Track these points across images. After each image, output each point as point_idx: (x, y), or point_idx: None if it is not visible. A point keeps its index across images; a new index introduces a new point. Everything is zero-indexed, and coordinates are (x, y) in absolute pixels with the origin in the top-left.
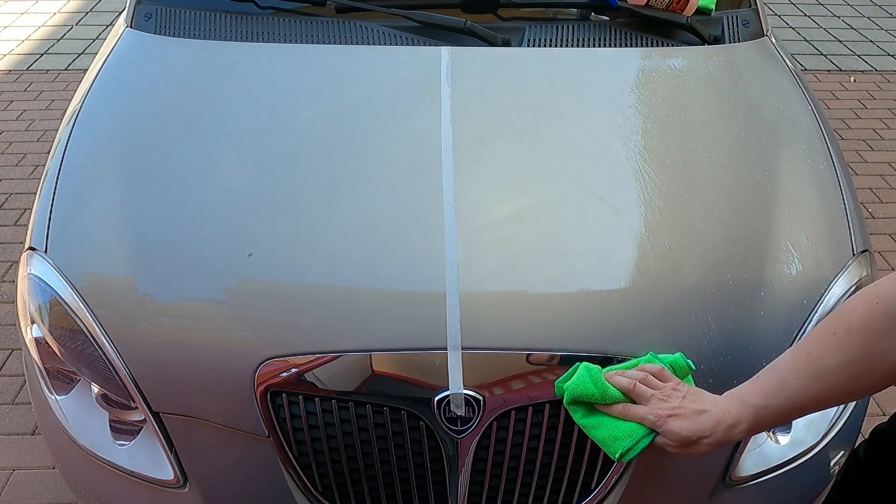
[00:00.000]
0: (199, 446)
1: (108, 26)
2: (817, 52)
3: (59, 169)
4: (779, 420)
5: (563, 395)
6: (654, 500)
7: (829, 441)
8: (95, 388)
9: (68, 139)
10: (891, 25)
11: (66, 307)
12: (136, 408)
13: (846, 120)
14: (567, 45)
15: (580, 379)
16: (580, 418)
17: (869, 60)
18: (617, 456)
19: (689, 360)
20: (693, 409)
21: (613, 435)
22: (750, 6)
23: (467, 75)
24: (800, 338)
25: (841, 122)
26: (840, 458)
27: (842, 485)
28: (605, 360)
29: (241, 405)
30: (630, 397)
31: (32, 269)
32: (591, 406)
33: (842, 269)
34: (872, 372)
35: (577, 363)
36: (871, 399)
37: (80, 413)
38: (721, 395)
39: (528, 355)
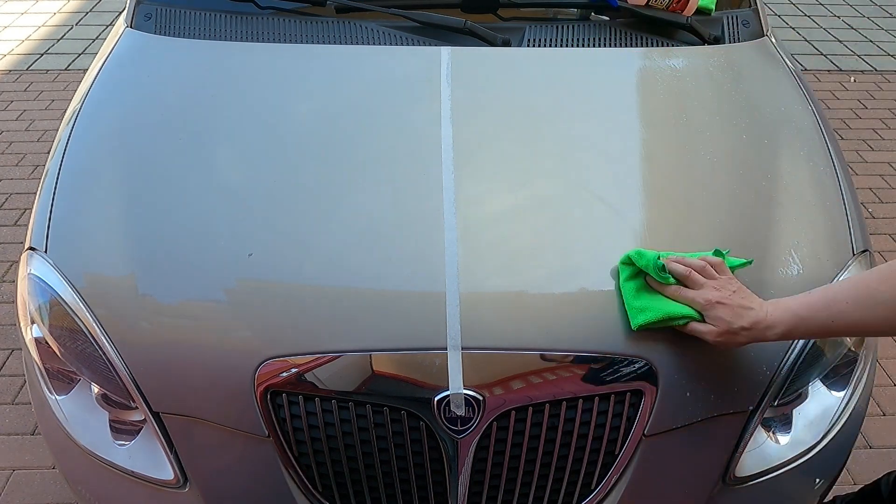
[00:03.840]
0: (199, 446)
1: (108, 26)
2: (817, 52)
3: (59, 169)
4: (811, 333)
5: (624, 260)
6: (654, 500)
7: (829, 441)
8: (95, 388)
9: (68, 139)
10: (891, 25)
11: (65, 307)
12: (136, 408)
13: (846, 120)
14: (567, 45)
15: (644, 253)
16: (623, 280)
17: (869, 60)
18: (636, 325)
19: (748, 260)
20: (740, 304)
21: (644, 306)
22: (750, 6)
23: (467, 75)
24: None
25: (841, 122)
26: (839, 458)
27: None
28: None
29: (241, 405)
30: (683, 283)
31: (32, 269)
32: (638, 278)
33: (842, 269)
34: None
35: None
36: (872, 399)
37: (80, 413)
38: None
39: (528, 355)
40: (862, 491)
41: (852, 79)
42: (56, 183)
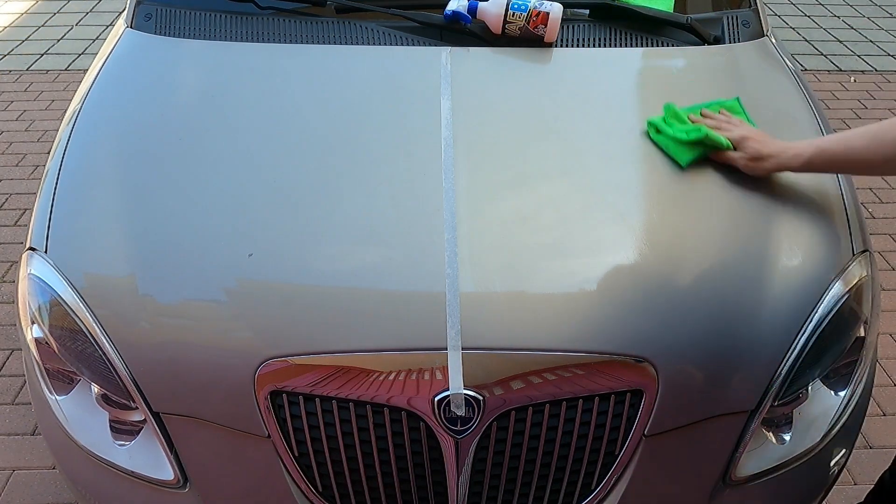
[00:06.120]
0: (199, 446)
1: (108, 26)
2: (817, 52)
3: (59, 169)
4: (828, 165)
5: (651, 122)
6: (654, 500)
7: (830, 441)
8: (95, 388)
9: (68, 139)
10: (891, 25)
11: (66, 307)
12: (136, 408)
13: (846, 120)
14: (567, 45)
15: (669, 109)
16: (653, 134)
17: (869, 60)
18: (685, 163)
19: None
20: (766, 138)
21: (682, 146)
22: (750, 6)
23: (467, 75)
24: (800, 338)
25: (841, 122)
26: (840, 457)
27: None
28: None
29: (242, 405)
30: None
31: (33, 269)
32: (660, 130)
33: (842, 269)
34: None
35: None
36: (872, 399)
37: (80, 413)
38: None
39: (528, 355)
40: (869, 494)
41: (852, 79)
42: (56, 183)
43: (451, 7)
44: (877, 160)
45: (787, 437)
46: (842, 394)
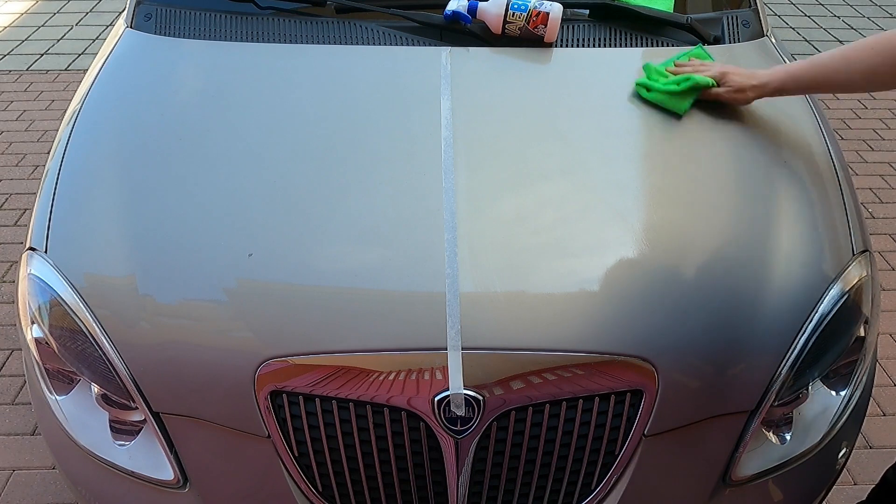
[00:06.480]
0: (199, 446)
1: (108, 26)
2: (817, 53)
3: (59, 169)
4: (798, 88)
5: (640, 83)
6: (653, 500)
7: (830, 441)
8: (95, 388)
9: (68, 139)
10: (891, 26)
11: (66, 307)
12: (136, 408)
13: (846, 120)
14: (567, 45)
15: (649, 68)
16: (644, 94)
17: None
18: (684, 110)
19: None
20: (741, 70)
21: (676, 98)
22: (750, 6)
23: (467, 75)
24: (800, 338)
25: (841, 122)
26: (840, 457)
27: None
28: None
29: (242, 405)
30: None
31: (32, 269)
32: (651, 88)
33: (842, 269)
34: (888, 76)
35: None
36: (872, 399)
37: (80, 413)
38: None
39: (528, 355)
40: (872, 491)
41: None
42: (56, 183)
43: (451, 7)
44: (841, 83)
45: (787, 437)
46: (842, 394)
